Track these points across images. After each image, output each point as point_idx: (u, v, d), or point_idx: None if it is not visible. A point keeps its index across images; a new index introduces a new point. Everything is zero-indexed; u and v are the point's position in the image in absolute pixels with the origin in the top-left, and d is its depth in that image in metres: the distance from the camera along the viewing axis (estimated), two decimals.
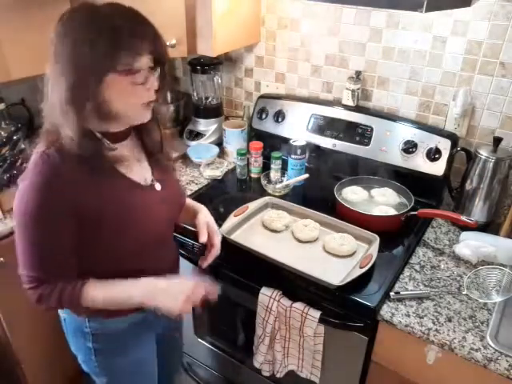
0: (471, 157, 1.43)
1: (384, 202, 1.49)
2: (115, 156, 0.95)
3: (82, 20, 0.86)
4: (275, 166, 1.69)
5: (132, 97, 0.89)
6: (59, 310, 1.13)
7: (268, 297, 1.25)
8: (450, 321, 1.09)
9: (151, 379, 1.25)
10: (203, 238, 1.14)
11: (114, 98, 0.87)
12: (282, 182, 1.67)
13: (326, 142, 1.70)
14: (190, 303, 0.99)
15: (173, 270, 1.19)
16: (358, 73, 1.64)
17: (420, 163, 1.52)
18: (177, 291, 0.99)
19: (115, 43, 0.83)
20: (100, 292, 0.97)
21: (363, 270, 1.18)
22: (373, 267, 1.21)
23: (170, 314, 0.98)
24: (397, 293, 1.16)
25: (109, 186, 0.96)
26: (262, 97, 1.87)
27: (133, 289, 0.99)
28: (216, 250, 1.17)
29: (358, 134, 1.63)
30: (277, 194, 1.61)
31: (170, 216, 1.12)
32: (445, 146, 1.48)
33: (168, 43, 1.04)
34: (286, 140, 1.74)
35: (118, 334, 1.11)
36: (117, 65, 0.84)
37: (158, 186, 1.06)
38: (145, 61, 0.87)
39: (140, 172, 1.03)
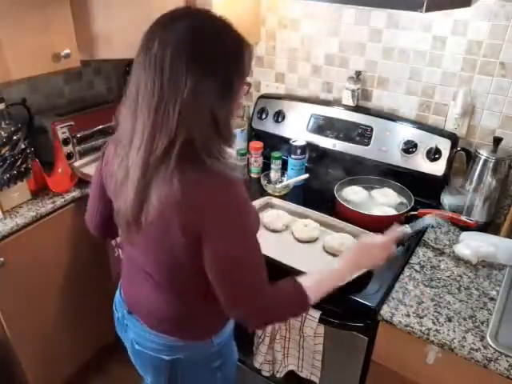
0: (471, 157, 1.43)
1: (384, 202, 1.49)
2: None
3: (211, 35, 0.82)
4: (275, 166, 1.69)
5: (238, 111, 0.91)
6: (163, 355, 1.04)
7: None
8: (450, 321, 1.09)
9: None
10: None
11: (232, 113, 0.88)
12: (282, 181, 1.67)
13: (326, 142, 1.70)
14: (383, 255, 1.07)
15: None
16: (358, 73, 1.64)
17: (420, 163, 1.52)
18: (371, 253, 1.07)
19: (245, 66, 0.85)
20: (314, 285, 0.95)
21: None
22: None
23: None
24: None
25: None
26: (262, 97, 1.86)
27: (340, 271, 1.02)
28: None
29: (358, 133, 1.63)
30: (277, 194, 1.61)
31: None
32: (445, 145, 1.48)
33: None
34: (286, 140, 1.74)
35: (228, 335, 1.11)
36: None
37: None
38: None
39: None
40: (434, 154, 1.49)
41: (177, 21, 0.80)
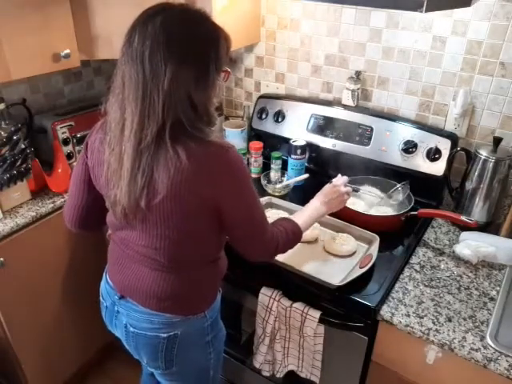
0: (471, 157, 1.43)
1: (384, 202, 1.49)
2: None
3: (185, 26, 0.87)
4: (275, 165, 1.69)
5: (217, 97, 0.96)
6: (163, 332, 1.05)
7: (268, 297, 1.25)
8: (450, 321, 1.09)
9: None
10: None
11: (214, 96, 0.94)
12: (281, 182, 1.67)
13: (326, 142, 1.70)
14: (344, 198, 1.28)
15: None
16: (358, 73, 1.64)
17: (420, 163, 1.52)
18: (336, 197, 1.26)
19: (221, 54, 0.90)
20: (301, 222, 1.14)
21: (363, 269, 1.18)
22: (373, 267, 1.22)
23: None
24: None
25: None
26: (261, 97, 1.86)
27: (318, 209, 1.23)
28: None
29: (358, 134, 1.63)
30: (277, 194, 1.61)
31: None
32: (445, 145, 1.48)
33: None
34: (286, 140, 1.74)
35: (218, 310, 1.16)
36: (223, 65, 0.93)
37: None
38: None
39: None
40: (433, 154, 1.49)
41: (154, 15, 0.86)
